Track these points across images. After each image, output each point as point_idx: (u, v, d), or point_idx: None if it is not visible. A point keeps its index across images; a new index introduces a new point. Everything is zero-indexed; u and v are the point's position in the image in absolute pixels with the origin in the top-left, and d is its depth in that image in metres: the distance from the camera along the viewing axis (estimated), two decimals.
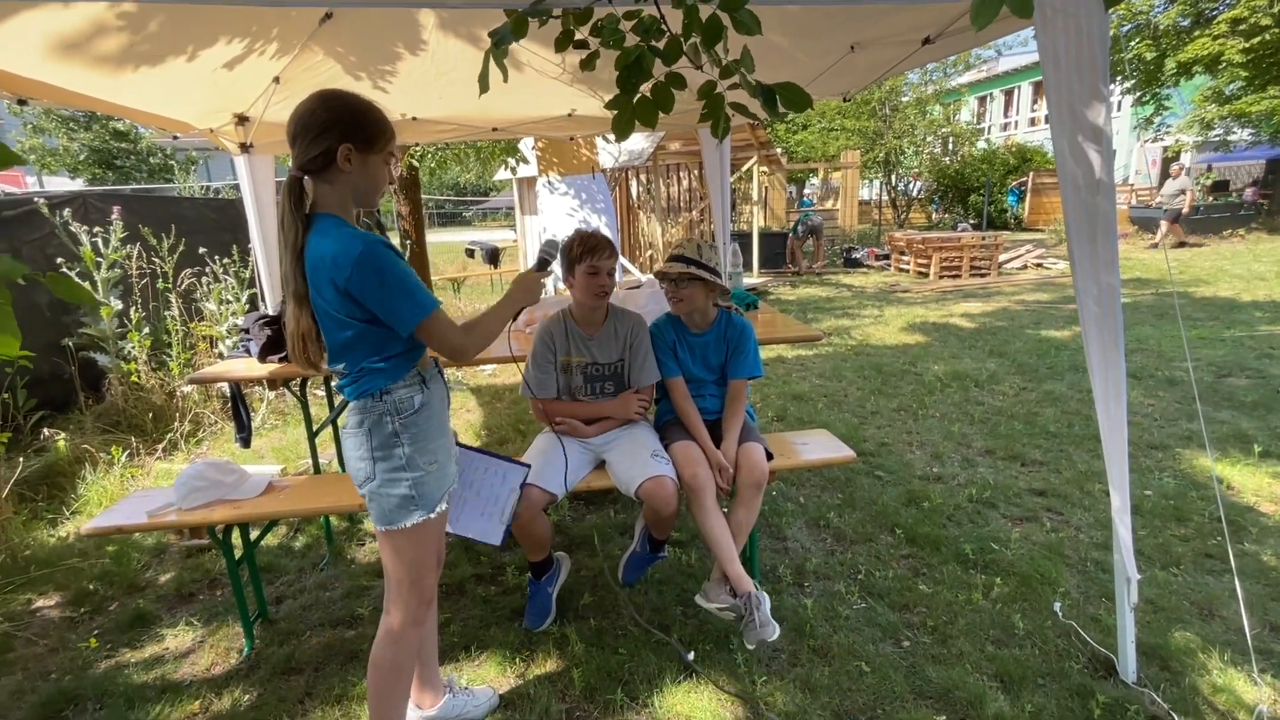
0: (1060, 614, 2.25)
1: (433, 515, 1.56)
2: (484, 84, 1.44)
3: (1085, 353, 1.82)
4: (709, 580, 2.22)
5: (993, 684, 1.97)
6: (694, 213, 11.82)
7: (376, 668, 1.62)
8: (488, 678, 2.10)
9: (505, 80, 1.51)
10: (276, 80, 2.86)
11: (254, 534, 2.43)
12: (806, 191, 25.87)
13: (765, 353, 2.50)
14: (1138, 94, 15.30)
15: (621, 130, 1.32)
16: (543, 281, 1.79)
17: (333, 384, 4.17)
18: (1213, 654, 2.04)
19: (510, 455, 2.06)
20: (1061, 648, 2.10)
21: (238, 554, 2.29)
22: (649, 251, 11.26)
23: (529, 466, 2.05)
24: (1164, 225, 12.89)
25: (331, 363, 1.53)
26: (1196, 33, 13.92)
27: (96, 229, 4.32)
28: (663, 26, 1.29)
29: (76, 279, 4.12)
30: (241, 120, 3.30)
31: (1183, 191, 12.88)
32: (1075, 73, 1.72)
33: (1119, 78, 14.69)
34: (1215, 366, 5.00)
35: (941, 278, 10.48)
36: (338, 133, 1.41)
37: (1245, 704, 1.84)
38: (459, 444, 1.94)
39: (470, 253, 11.75)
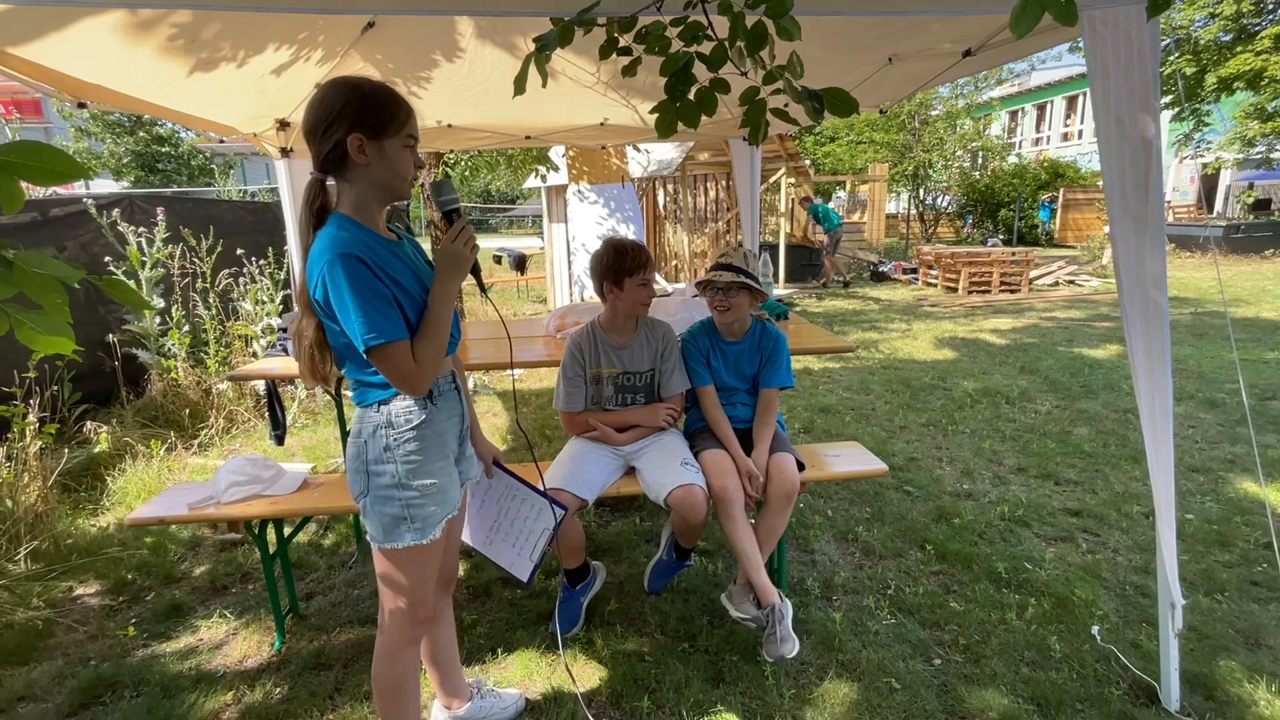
0: (1099, 638, 2.19)
1: (425, 542, 1.46)
2: (520, 86, 1.45)
3: (1131, 369, 1.78)
4: (734, 584, 2.24)
5: (1029, 707, 1.93)
6: (720, 223, 11.82)
7: (379, 685, 1.58)
8: (513, 681, 2.10)
9: (545, 85, 1.52)
10: (318, 86, 2.93)
11: (287, 530, 2.47)
12: (832, 204, 25.72)
13: (793, 364, 2.48)
14: (1176, 110, 15.00)
15: (665, 130, 1.33)
16: (461, 239, 1.41)
17: None
18: (1259, 684, 1.97)
19: (544, 479, 1.98)
20: (1100, 672, 2.05)
21: (271, 549, 2.33)
22: (674, 262, 11.28)
23: (566, 509, 1.97)
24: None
25: (339, 365, 1.45)
26: (1238, 48, 13.63)
27: (141, 229, 4.46)
28: (709, 33, 1.30)
29: (121, 277, 4.25)
30: (283, 125, 3.38)
31: None
32: (1124, 83, 1.69)
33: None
34: (1258, 389, 4.85)
35: (971, 293, 10.34)
36: (345, 123, 1.31)
37: None
38: (498, 464, 1.91)
39: (498, 259, 11.89)
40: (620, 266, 2.21)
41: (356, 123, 1.32)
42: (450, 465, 1.52)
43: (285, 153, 3.62)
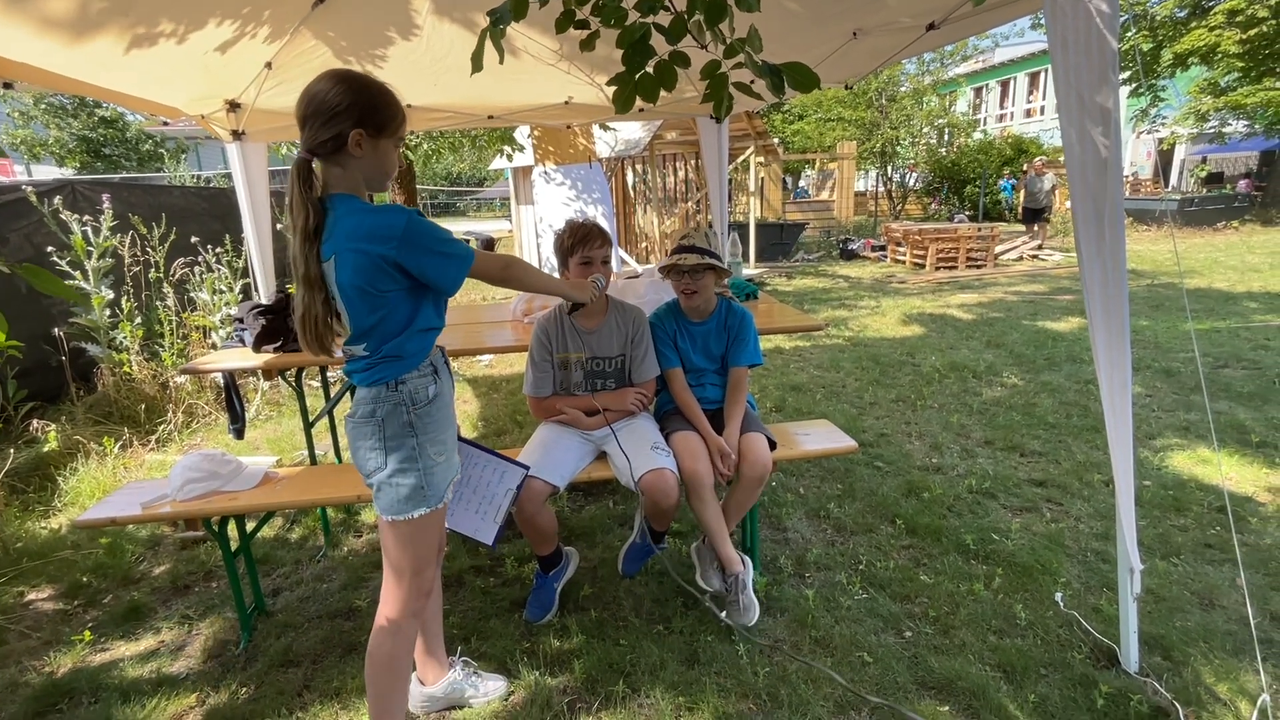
0: (1062, 604, 2.24)
1: (439, 506, 1.56)
2: (477, 63, 1.40)
3: (1091, 340, 1.81)
4: (703, 544, 2.32)
5: (996, 674, 1.97)
6: (690, 204, 11.77)
7: (375, 662, 1.60)
8: (488, 669, 2.08)
9: (501, 61, 1.47)
10: (268, 66, 2.81)
11: (250, 526, 2.40)
12: (802, 182, 25.77)
13: (764, 343, 2.48)
14: (1133, 86, 15.28)
15: (623, 104, 1.29)
16: (593, 289, 1.93)
17: (333, 373, 4.12)
18: (1214, 643, 2.04)
19: (507, 450, 2.02)
20: (1064, 638, 2.10)
21: (234, 546, 2.26)
22: (644, 243, 11.21)
23: (527, 468, 2.00)
24: (1036, 227, 12.14)
25: (352, 343, 1.50)
26: (1193, 24, 13.91)
27: (86, 218, 4.26)
28: (667, 4, 1.25)
29: (67, 268, 4.07)
30: (233, 107, 3.25)
31: (1048, 190, 11.98)
32: (1084, 57, 1.68)
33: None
34: (1211, 357, 5.01)
35: (937, 269, 10.48)
36: (351, 118, 1.40)
37: (1248, 693, 1.85)
38: (458, 437, 1.92)
39: (465, 243, 11.68)
40: (563, 247, 2.19)
41: (362, 119, 1.41)
42: (454, 431, 1.65)
43: (237, 135, 3.48)
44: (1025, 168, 12.86)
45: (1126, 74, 14.70)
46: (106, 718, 1.94)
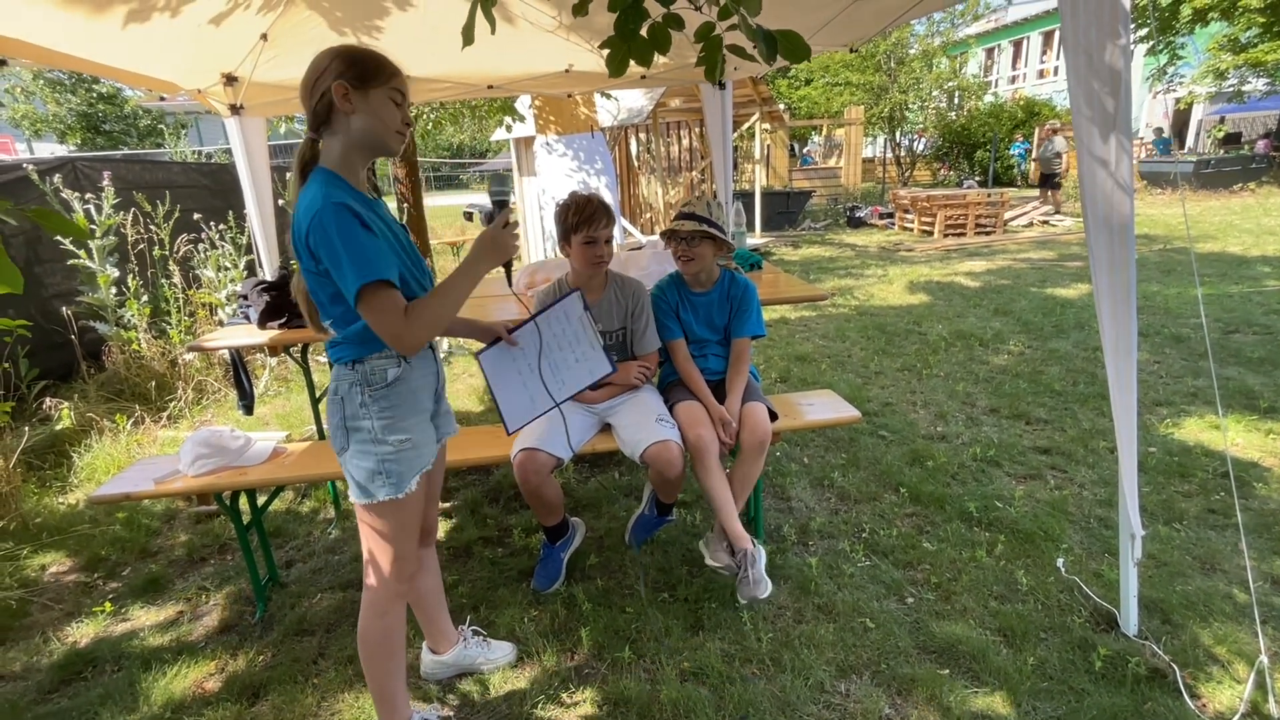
0: (1063, 570, 2.26)
1: (401, 496, 1.49)
2: (468, 36, 1.38)
3: (1096, 306, 1.80)
4: (711, 532, 2.29)
5: (996, 638, 2.00)
6: (695, 172, 11.61)
7: (367, 642, 1.61)
8: (496, 638, 2.13)
9: (493, 32, 1.45)
10: (264, 38, 2.77)
11: (261, 500, 2.44)
12: (808, 149, 25.33)
13: (769, 314, 2.47)
14: (1151, 43, 14.85)
15: (616, 68, 1.27)
16: (508, 230, 1.53)
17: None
18: (1214, 607, 2.06)
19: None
20: (1064, 603, 2.12)
21: (246, 519, 2.30)
22: (648, 214, 11.10)
23: (579, 289, 1.95)
24: (1049, 192, 11.89)
25: (323, 319, 1.47)
26: None
27: (88, 195, 4.26)
28: None
29: (71, 246, 4.08)
30: (230, 80, 3.21)
31: (1059, 154, 11.75)
32: (1094, 17, 1.64)
33: (1133, 25, 14.22)
34: (1222, 322, 4.96)
35: (946, 236, 10.35)
36: (330, 74, 1.37)
37: (1245, 655, 1.87)
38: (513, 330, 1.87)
39: (469, 215, 11.60)
40: (564, 224, 2.16)
41: (341, 72, 1.37)
42: (425, 421, 1.56)
43: (235, 110, 3.44)
44: (1041, 132, 12.64)
45: (1144, 31, 14.29)
46: (130, 683, 2.01)
